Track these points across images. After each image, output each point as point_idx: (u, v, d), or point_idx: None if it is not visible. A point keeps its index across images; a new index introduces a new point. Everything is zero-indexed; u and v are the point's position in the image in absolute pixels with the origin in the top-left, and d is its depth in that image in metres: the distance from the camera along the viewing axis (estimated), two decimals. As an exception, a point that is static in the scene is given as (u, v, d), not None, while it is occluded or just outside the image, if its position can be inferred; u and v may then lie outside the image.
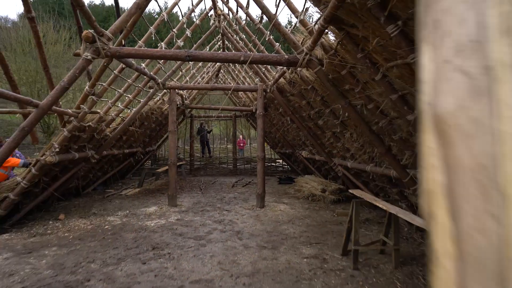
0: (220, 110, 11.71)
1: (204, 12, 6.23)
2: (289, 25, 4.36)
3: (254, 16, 5.38)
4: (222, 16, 6.23)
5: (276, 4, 4.03)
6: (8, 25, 26.08)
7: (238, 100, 13.64)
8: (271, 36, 4.91)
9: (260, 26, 5.04)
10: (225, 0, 6.08)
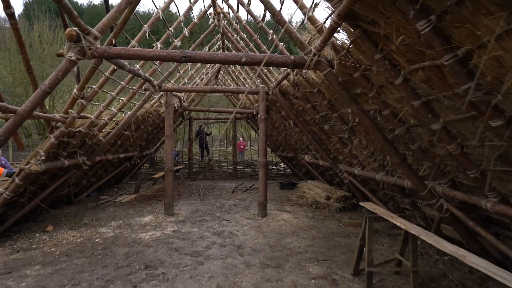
0: (220, 112, 11.38)
1: (203, 10, 5.88)
2: (290, 24, 4.02)
3: (256, 14, 5.05)
4: (222, 14, 5.89)
5: (281, 0, 3.70)
6: (7, 25, 25.78)
7: (238, 102, 13.29)
8: (274, 35, 4.57)
9: (263, 25, 4.70)
10: (225, -2, 5.74)
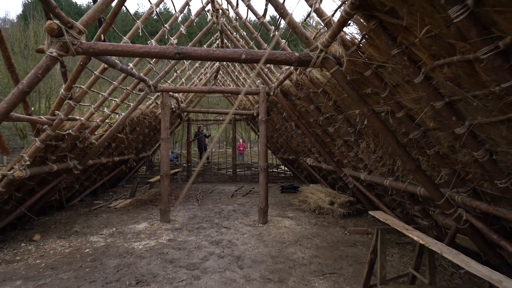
0: (219, 113, 11.08)
1: (201, 7, 5.60)
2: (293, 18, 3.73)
3: (256, 11, 4.76)
4: (221, 11, 5.60)
5: (284, -7, 3.41)
6: (6, 26, 25.45)
7: (237, 102, 13.01)
8: (276, 32, 4.28)
9: (264, 21, 4.41)
10: (223, -7, 5.46)
